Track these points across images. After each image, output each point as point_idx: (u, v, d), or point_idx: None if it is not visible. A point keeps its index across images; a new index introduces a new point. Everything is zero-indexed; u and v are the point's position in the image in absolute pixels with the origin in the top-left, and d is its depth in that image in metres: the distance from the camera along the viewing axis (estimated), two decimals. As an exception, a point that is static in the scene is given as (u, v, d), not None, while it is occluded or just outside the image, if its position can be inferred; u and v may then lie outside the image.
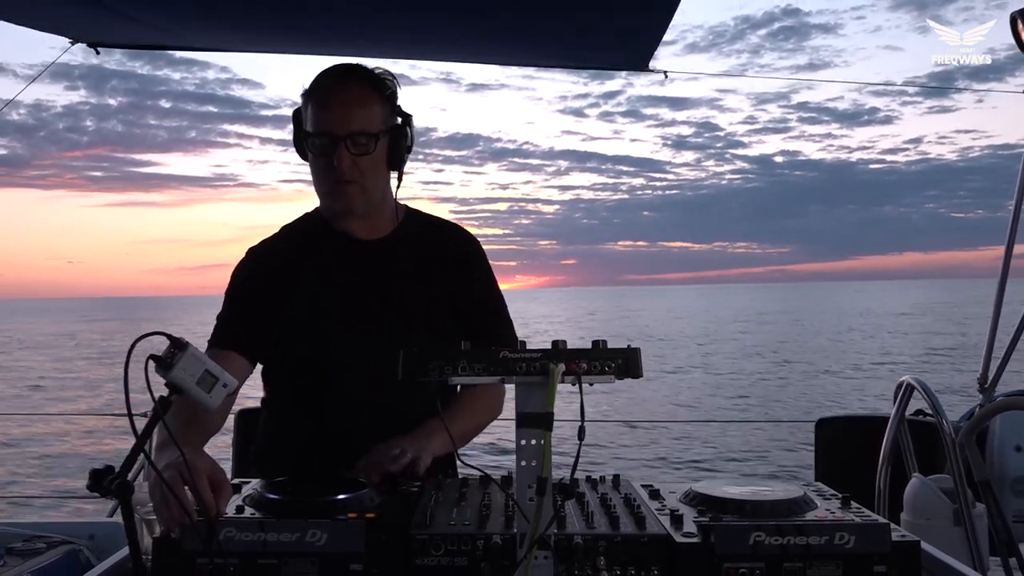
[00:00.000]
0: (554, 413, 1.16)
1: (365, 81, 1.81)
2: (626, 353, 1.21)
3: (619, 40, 2.72)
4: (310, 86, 1.82)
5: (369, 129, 1.77)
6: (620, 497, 1.45)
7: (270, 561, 1.24)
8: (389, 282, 1.87)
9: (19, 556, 1.80)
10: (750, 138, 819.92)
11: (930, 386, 2.73)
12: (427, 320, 1.88)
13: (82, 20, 2.61)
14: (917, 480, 2.63)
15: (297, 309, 1.85)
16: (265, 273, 1.89)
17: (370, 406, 1.84)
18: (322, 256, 1.89)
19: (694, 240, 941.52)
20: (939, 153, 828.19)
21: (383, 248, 1.90)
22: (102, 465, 1.16)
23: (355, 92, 1.78)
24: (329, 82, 1.81)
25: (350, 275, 1.87)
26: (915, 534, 1.29)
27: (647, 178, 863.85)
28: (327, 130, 1.76)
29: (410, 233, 1.93)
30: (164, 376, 1.22)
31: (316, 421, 1.88)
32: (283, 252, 1.92)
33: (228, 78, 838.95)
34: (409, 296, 1.88)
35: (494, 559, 1.22)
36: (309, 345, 1.85)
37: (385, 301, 1.86)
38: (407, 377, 1.23)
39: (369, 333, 1.84)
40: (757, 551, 1.22)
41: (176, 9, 2.53)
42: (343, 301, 1.86)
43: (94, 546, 1.92)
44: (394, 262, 1.89)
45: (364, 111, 1.77)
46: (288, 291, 1.86)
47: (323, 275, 1.87)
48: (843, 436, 3.13)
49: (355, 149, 1.75)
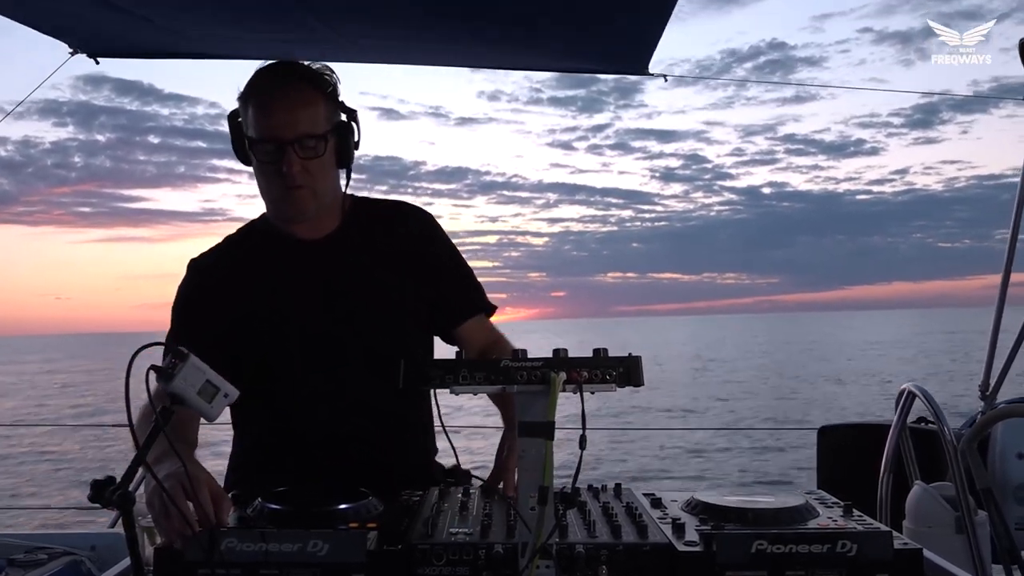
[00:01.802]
0: (555, 422, 1.16)
1: (306, 80, 1.74)
2: (627, 361, 1.21)
3: (617, 43, 2.72)
4: (247, 88, 1.74)
5: (316, 131, 1.71)
6: (622, 506, 1.44)
7: (272, 571, 1.24)
8: (339, 278, 1.82)
9: (21, 567, 1.80)
10: (738, 170, 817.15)
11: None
12: (386, 309, 1.83)
13: (85, 24, 2.61)
14: (919, 488, 2.63)
15: (246, 316, 1.80)
16: (210, 283, 1.84)
17: (328, 403, 1.80)
18: (269, 260, 1.83)
19: (683, 271, 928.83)
20: (925, 184, 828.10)
21: (330, 245, 1.84)
22: (103, 476, 1.16)
23: (298, 93, 1.71)
24: (269, 84, 1.73)
25: (298, 276, 1.82)
26: (917, 542, 1.29)
27: (636, 210, 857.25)
28: (273, 135, 1.69)
29: (358, 224, 1.88)
30: (165, 387, 1.22)
31: (278, 423, 1.84)
32: (227, 261, 1.86)
33: (217, 113, 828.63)
34: (363, 289, 1.83)
35: (496, 569, 1.22)
36: (263, 350, 1.80)
37: (338, 299, 1.81)
38: (408, 386, 1.23)
39: (323, 331, 1.80)
40: (759, 560, 1.22)
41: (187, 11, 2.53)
42: (294, 303, 1.81)
43: (96, 557, 1.92)
44: (342, 257, 1.84)
45: (309, 112, 1.70)
46: (236, 299, 1.80)
47: (271, 279, 1.82)
48: (845, 444, 3.13)
49: (303, 153, 1.70)
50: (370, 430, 1.82)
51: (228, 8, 2.46)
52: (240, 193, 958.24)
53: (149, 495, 1.34)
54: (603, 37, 2.71)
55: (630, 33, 2.61)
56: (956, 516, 2.47)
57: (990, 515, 2.44)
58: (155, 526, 1.32)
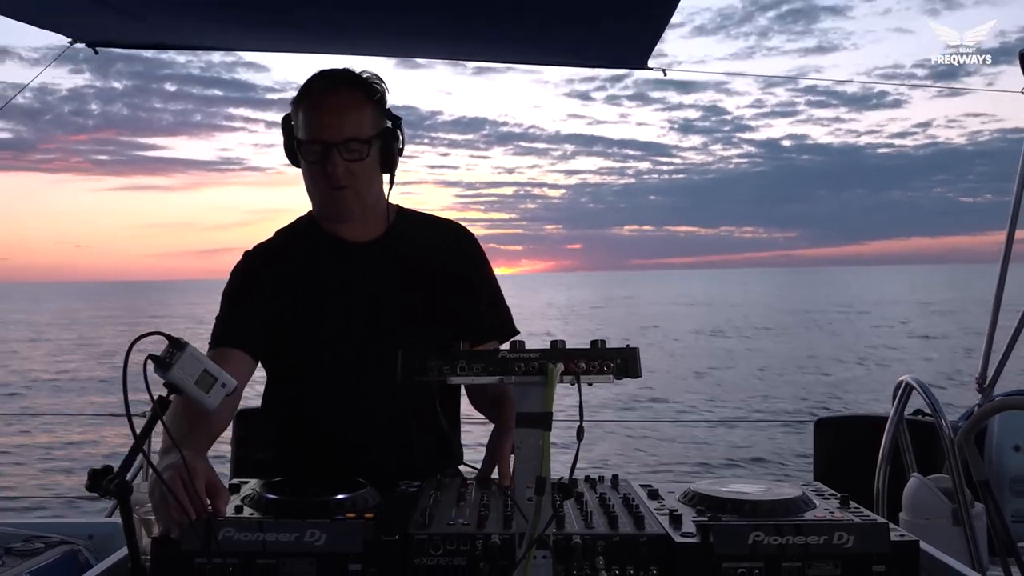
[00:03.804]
0: (552, 413, 1.16)
1: (355, 87, 1.81)
2: (624, 353, 1.21)
3: (617, 39, 2.72)
4: (300, 92, 1.82)
5: (361, 135, 1.77)
6: (619, 497, 1.45)
7: (269, 561, 1.24)
8: (380, 283, 1.87)
9: (18, 556, 1.80)
10: (757, 122, 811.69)
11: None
12: (420, 319, 1.87)
13: (82, 18, 2.61)
14: (916, 480, 2.63)
15: (291, 312, 1.85)
16: (261, 274, 1.89)
17: (362, 408, 1.84)
18: (315, 259, 1.89)
19: (700, 224, 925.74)
20: (948, 137, 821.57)
21: (375, 250, 1.90)
22: (101, 465, 1.16)
23: (346, 98, 1.78)
24: (319, 88, 1.81)
25: (341, 278, 1.87)
26: (914, 534, 1.29)
27: (653, 162, 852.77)
28: (320, 137, 1.76)
29: (402, 233, 1.93)
30: (163, 376, 1.22)
31: (312, 425, 1.88)
32: (278, 254, 1.93)
33: (233, 61, 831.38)
34: (401, 296, 1.87)
35: (493, 559, 1.22)
36: (301, 349, 1.85)
37: (377, 302, 1.86)
38: (406, 377, 1.23)
39: (360, 335, 1.84)
40: (756, 551, 1.22)
41: (184, 6, 2.52)
42: (335, 304, 1.86)
43: (93, 546, 1.92)
44: (385, 263, 1.89)
45: (356, 117, 1.77)
46: (283, 293, 1.86)
47: (315, 278, 1.88)
48: (842, 435, 3.13)
49: (348, 155, 1.76)
50: (391, 435, 1.84)
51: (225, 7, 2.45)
52: (256, 142, 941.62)
53: (151, 485, 1.35)
54: (603, 36, 2.70)
55: (630, 33, 2.60)
56: (953, 508, 2.48)
57: (987, 507, 2.45)
58: (154, 515, 1.32)
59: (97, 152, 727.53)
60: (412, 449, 1.84)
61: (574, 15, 2.51)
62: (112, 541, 1.89)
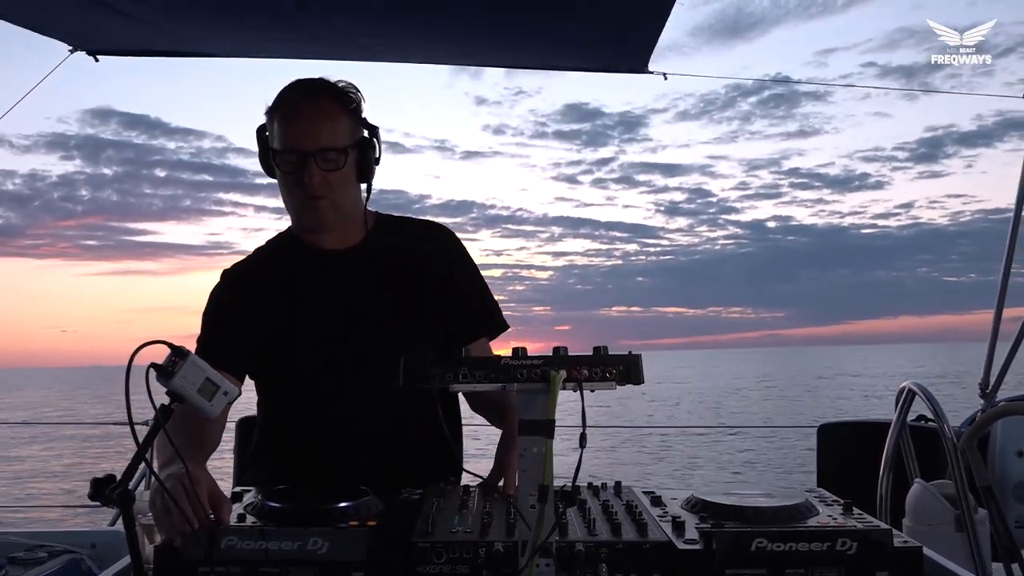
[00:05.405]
0: (555, 420, 1.16)
1: (330, 95, 1.80)
2: (627, 360, 1.21)
3: (616, 41, 2.72)
4: (274, 102, 1.81)
5: (337, 144, 1.76)
6: (622, 504, 1.44)
7: (271, 569, 1.24)
8: (356, 290, 1.86)
9: (21, 565, 1.80)
10: (742, 203, 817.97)
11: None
12: (398, 323, 1.86)
13: (84, 22, 2.62)
14: (919, 485, 2.62)
15: (272, 325, 1.85)
16: (240, 292, 1.89)
17: (342, 413, 1.83)
18: (292, 270, 1.88)
19: (688, 305, 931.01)
20: (930, 218, 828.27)
21: (353, 257, 1.89)
22: (103, 474, 1.16)
23: (322, 107, 1.77)
24: (294, 98, 1.79)
25: (318, 286, 1.87)
26: (917, 540, 1.29)
27: (640, 244, 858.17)
28: (295, 146, 1.75)
29: (381, 239, 1.92)
30: (165, 384, 1.22)
31: (294, 431, 1.88)
32: (256, 271, 1.92)
33: (224, 147, 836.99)
34: (378, 301, 1.87)
35: (496, 567, 1.22)
36: (280, 358, 1.85)
37: (352, 308, 1.85)
38: (408, 383, 1.23)
39: (337, 341, 1.83)
40: (759, 558, 1.22)
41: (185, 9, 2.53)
42: (312, 311, 1.85)
43: (95, 555, 1.92)
44: (363, 269, 1.88)
45: (331, 126, 1.76)
46: (262, 307, 1.85)
47: (293, 288, 1.87)
48: (845, 442, 3.12)
49: (324, 165, 1.75)
50: (375, 439, 1.84)
51: (224, 10, 2.46)
52: (245, 227, 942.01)
53: (152, 494, 1.35)
54: (603, 37, 2.71)
55: (630, 33, 2.61)
56: (956, 514, 2.47)
57: (990, 513, 2.44)
58: (156, 524, 1.32)
59: (86, 237, 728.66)
60: (401, 452, 1.84)
61: (573, 17, 2.52)
62: (115, 550, 1.89)
